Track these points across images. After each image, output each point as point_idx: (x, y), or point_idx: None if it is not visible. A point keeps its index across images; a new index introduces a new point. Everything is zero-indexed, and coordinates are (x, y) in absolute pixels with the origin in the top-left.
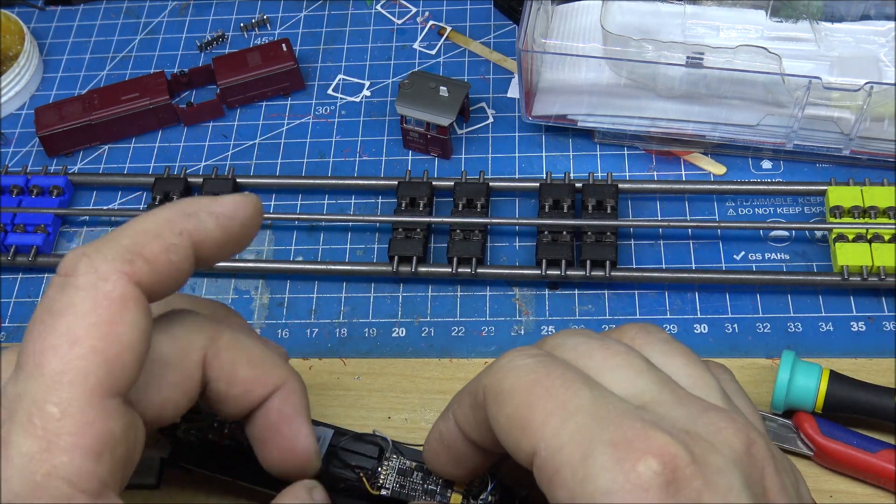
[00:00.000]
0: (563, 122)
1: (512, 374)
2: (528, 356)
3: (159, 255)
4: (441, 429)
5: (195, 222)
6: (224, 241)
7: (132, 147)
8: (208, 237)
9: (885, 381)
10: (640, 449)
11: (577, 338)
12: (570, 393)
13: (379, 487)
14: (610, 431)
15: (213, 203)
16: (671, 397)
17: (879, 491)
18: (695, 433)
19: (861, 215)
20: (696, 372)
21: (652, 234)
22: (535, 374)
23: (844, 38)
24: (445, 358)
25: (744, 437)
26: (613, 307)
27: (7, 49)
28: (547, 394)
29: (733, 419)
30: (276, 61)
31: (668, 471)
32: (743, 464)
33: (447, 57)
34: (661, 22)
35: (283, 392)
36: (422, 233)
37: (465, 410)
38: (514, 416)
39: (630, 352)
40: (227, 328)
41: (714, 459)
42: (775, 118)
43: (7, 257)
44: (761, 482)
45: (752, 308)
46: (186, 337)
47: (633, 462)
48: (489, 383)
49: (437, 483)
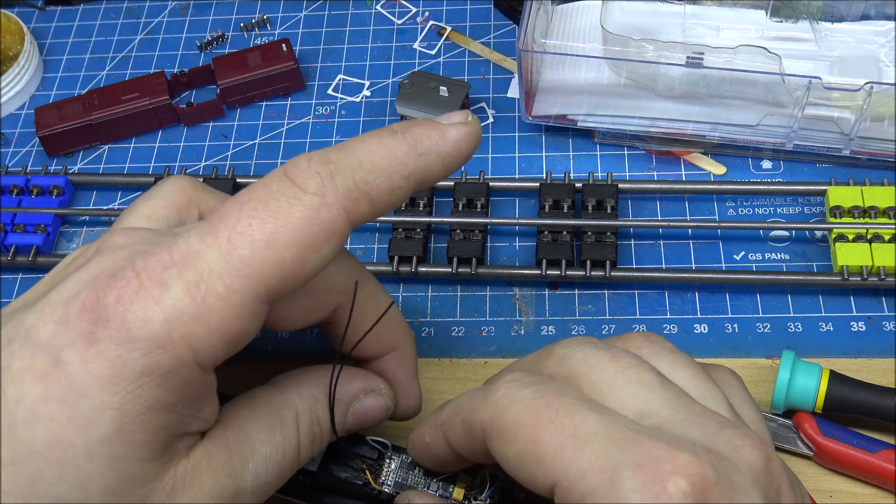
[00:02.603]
0: (563, 122)
1: (511, 408)
2: (524, 386)
3: (382, 195)
4: (428, 440)
5: (423, 164)
6: (442, 177)
7: (132, 147)
8: (431, 177)
9: (885, 381)
10: (667, 469)
11: (587, 348)
12: (577, 420)
13: (381, 483)
14: (632, 453)
15: (443, 141)
16: (687, 414)
17: (879, 491)
18: (716, 451)
19: (861, 215)
20: (703, 384)
21: (652, 234)
22: (535, 407)
23: (844, 38)
24: (445, 358)
25: (762, 454)
26: (613, 307)
27: (7, 49)
28: (552, 425)
29: (750, 436)
30: (276, 61)
31: (696, 491)
32: (762, 482)
33: (447, 57)
34: (661, 22)
35: (398, 354)
36: (422, 233)
37: (457, 434)
38: (524, 452)
39: (641, 364)
40: (371, 281)
41: (737, 479)
42: (775, 118)
43: (7, 257)
44: (778, 498)
45: (752, 308)
46: (337, 275)
47: (662, 484)
48: (488, 420)
49: (438, 480)
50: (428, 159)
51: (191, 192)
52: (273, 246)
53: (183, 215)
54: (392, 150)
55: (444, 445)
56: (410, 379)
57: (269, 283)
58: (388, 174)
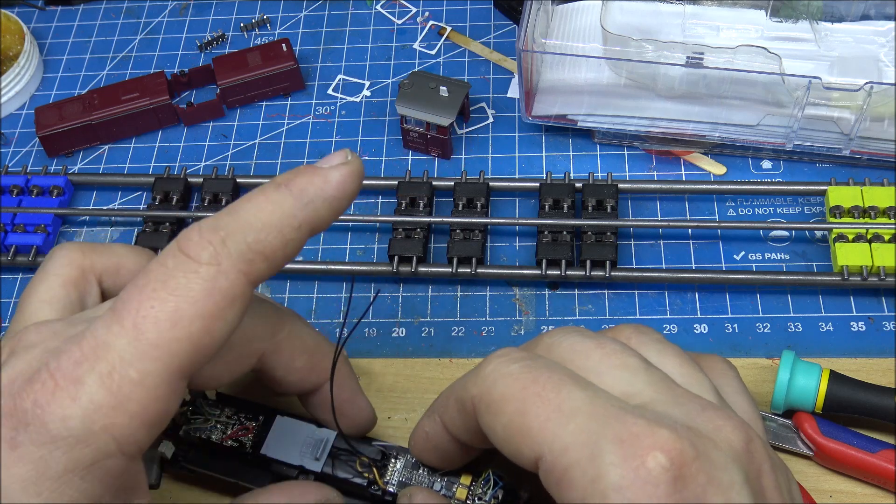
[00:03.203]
0: (563, 122)
1: (500, 382)
2: (512, 361)
3: (277, 251)
4: (426, 430)
5: (311, 211)
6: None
7: (132, 147)
8: (322, 222)
9: (885, 381)
10: (646, 445)
11: (573, 336)
12: (562, 395)
13: (386, 483)
14: (614, 429)
15: (326, 186)
16: (670, 395)
17: (879, 491)
18: (696, 430)
19: (861, 215)
20: (690, 371)
21: (652, 234)
22: (522, 381)
23: (844, 38)
24: (445, 358)
25: (742, 434)
26: (613, 307)
27: (7, 49)
28: (539, 399)
29: (731, 417)
30: (276, 61)
31: (675, 466)
32: (742, 461)
33: (447, 57)
34: (661, 22)
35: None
36: (422, 233)
37: (452, 415)
38: (511, 425)
39: (626, 350)
40: (289, 319)
41: (716, 456)
42: (775, 118)
43: (7, 257)
44: (759, 479)
45: (752, 308)
46: (252, 326)
47: (641, 458)
48: (477, 393)
49: (442, 479)
50: (315, 206)
51: (81, 261)
52: (178, 324)
53: (81, 289)
54: (279, 205)
55: (443, 432)
56: (356, 395)
57: (181, 359)
58: (279, 229)
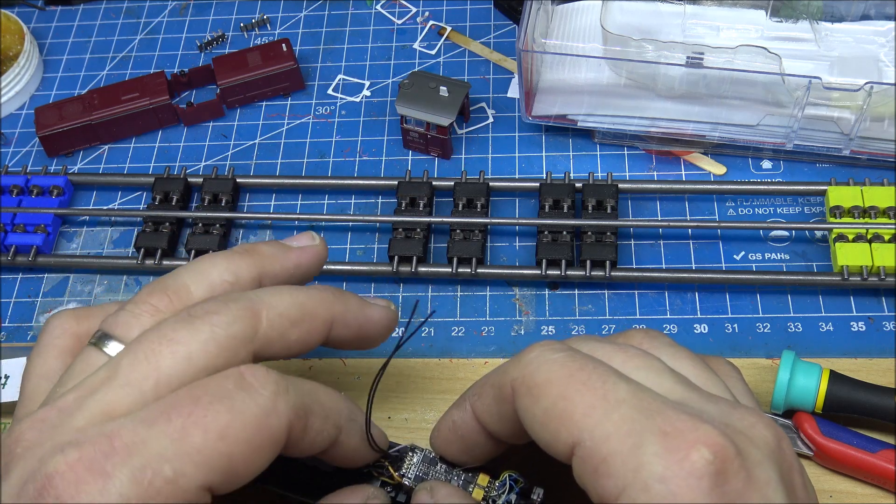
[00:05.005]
0: (563, 122)
1: (545, 367)
2: (557, 350)
3: (324, 398)
4: (455, 418)
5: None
6: None
7: (132, 147)
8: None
9: (885, 381)
10: (691, 439)
11: (593, 343)
12: (608, 385)
13: (402, 475)
14: (658, 422)
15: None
16: (699, 395)
17: (879, 491)
18: (733, 427)
19: (861, 215)
20: (704, 374)
21: (652, 234)
22: (568, 368)
23: (844, 38)
24: (445, 358)
25: (774, 433)
26: (613, 307)
27: (7, 49)
28: (585, 387)
29: (762, 416)
30: (276, 61)
31: (718, 461)
32: (776, 458)
33: (447, 57)
34: (661, 22)
35: None
36: (422, 233)
37: (486, 402)
38: (552, 409)
39: (647, 354)
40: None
41: (754, 453)
42: (775, 118)
43: (7, 257)
44: (790, 477)
45: (752, 308)
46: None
47: (686, 451)
48: (519, 377)
49: (459, 476)
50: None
51: (75, 328)
52: (225, 439)
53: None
54: (335, 396)
55: (472, 420)
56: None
57: (215, 475)
58: (337, 413)
